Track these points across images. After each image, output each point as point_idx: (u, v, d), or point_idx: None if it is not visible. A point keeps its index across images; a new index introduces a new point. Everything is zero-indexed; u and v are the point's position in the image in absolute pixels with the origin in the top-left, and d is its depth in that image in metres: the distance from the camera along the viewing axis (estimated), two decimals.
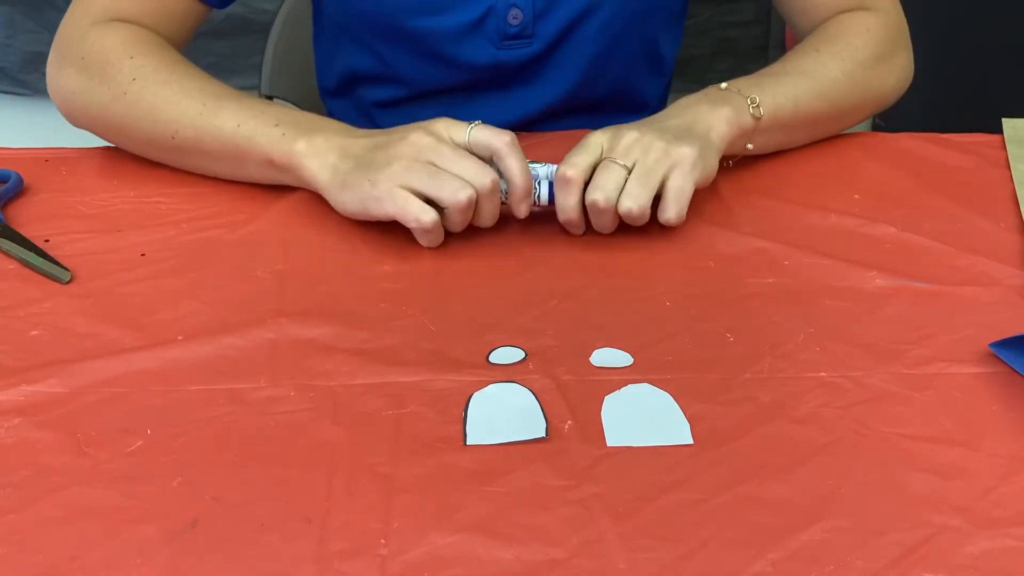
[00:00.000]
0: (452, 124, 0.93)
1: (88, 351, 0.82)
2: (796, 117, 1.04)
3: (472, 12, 1.12)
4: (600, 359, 0.82)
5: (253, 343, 0.83)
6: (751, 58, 2.34)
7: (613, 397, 0.78)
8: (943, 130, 1.12)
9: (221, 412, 0.77)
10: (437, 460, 0.73)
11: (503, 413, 0.77)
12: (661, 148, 0.93)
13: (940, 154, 1.09)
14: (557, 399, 0.78)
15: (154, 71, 1.01)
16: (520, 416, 0.76)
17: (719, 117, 0.99)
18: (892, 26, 1.13)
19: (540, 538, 0.67)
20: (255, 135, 0.97)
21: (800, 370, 0.81)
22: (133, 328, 0.84)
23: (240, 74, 2.17)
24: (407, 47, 1.15)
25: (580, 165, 0.92)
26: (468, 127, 0.93)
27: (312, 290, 0.89)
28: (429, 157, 0.90)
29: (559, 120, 1.18)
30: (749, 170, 1.05)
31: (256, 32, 1.87)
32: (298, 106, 1.41)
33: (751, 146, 1.03)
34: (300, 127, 0.96)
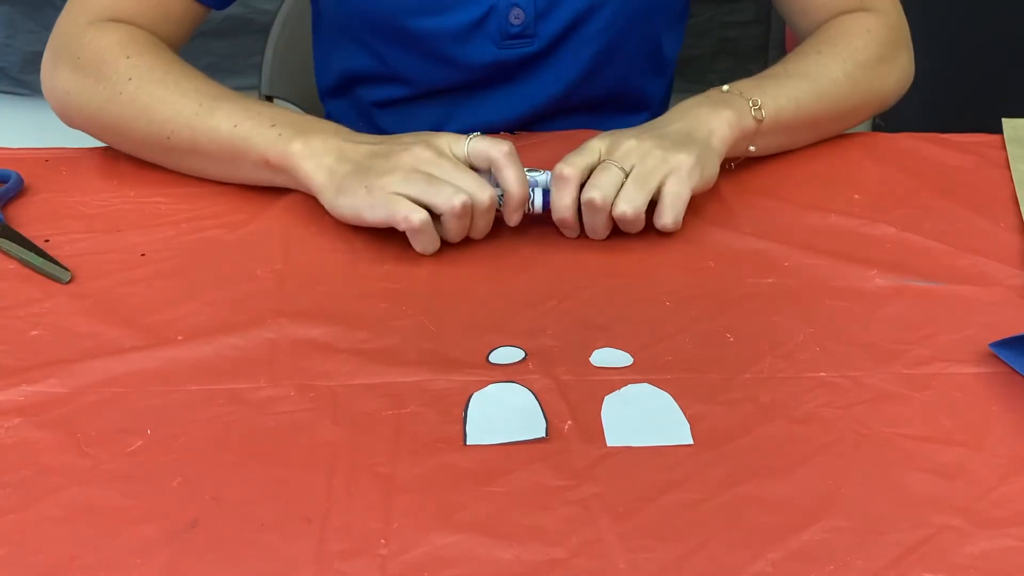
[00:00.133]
0: (454, 139, 0.93)
1: (88, 351, 0.82)
2: (798, 119, 1.04)
3: (473, 12, 1.12)
4: (600, 359, 0.82)
5: (253, 343, 0.83)
6: (751, 58, 2.34)
7: (613, 397, 0.78)
8: (943, 130, 1.12)
9: (221, 412, 0.77)
10: (437, 460, 0.73)
11: (503, 413, 0.76)
12: (659, 155, 0.93)
13: (940, 154, 1.09)
14: (557, 399, 0.78)
15: (150, 71, 1.01)
16: (520, 416, 0.76)
17: (721, 120, 0.99)
18: (893, 27, 1.13)
19: (540, 538, 0.67)
20: (251, 135, 0.96)
21: (800, 370, 0.81)
22: (133, 328, 0.84)
23: (240, 74, 2.17)
24: (407, 47, 1.15)
25: (578, 165, 0.93)
26: (467, 140, 0.93)
27: (312, 290, 0.89)
28: (428, 169, 0.91)
29: (559, 119, 1.17)
30: (749, 170, 1.05)
31: (256, 32, 1.87)
32: (298, 106, 1.41)
33: (753, 148, 1.03)
34: (297, 128, 0.96)
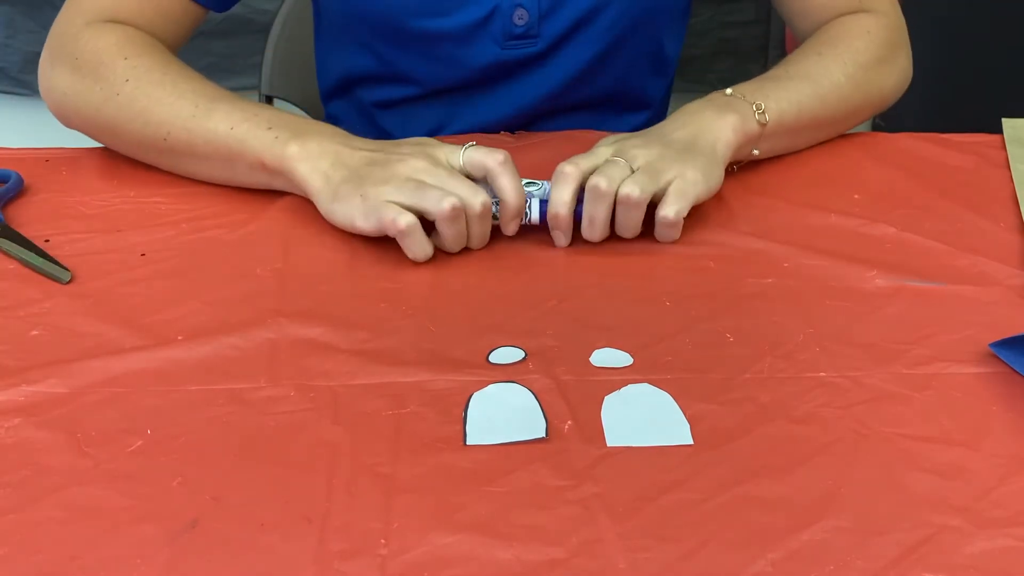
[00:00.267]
0: (450, 149, 0.93)
1: (88, 351, 0.82)
2: (800, 121, 1.04)
3: (477, 13, 1.11)
4: (600, 359, 0.82)
5: (253, 343, 0.83)
6: (751, 58, 2.34)
7: (613, 397, 0.78)
8: (943, 130, 1.13)
9: (221, 412, 0.77)
10: (437, 460, 0.73)
11: (503, 413, 0.76)
12: (666, 162, 0.93)
13: (940, 154, 1.09)
14: (557, 399, 0.78)
15: (147, 72, 1.01)
16: (520, 416, 0.76)
17: (725, 125, 0.98)
18: (892, 28, 1.13)
19: (540, 538, 0.67)
20: (247, 138, 0.96)
21: (800, 370, 0.81)
22: (133, 328, 0.84)
23: (240, 74, 2.17)
24: (409, 48, 1.15)
25: (581, 165, 0.93)
26: (463, 149, 0.93)
27: (312, 290, 0.89)
28: (423, 178, 0.90)
29: (559, 118, 1.17)
30: (749, 170, 1.05)
31: (256, 32, 1.87)
32: (298, 107, 1.41)
33: (756, 152, 1.03)
34: (293, 130, 0.96)
